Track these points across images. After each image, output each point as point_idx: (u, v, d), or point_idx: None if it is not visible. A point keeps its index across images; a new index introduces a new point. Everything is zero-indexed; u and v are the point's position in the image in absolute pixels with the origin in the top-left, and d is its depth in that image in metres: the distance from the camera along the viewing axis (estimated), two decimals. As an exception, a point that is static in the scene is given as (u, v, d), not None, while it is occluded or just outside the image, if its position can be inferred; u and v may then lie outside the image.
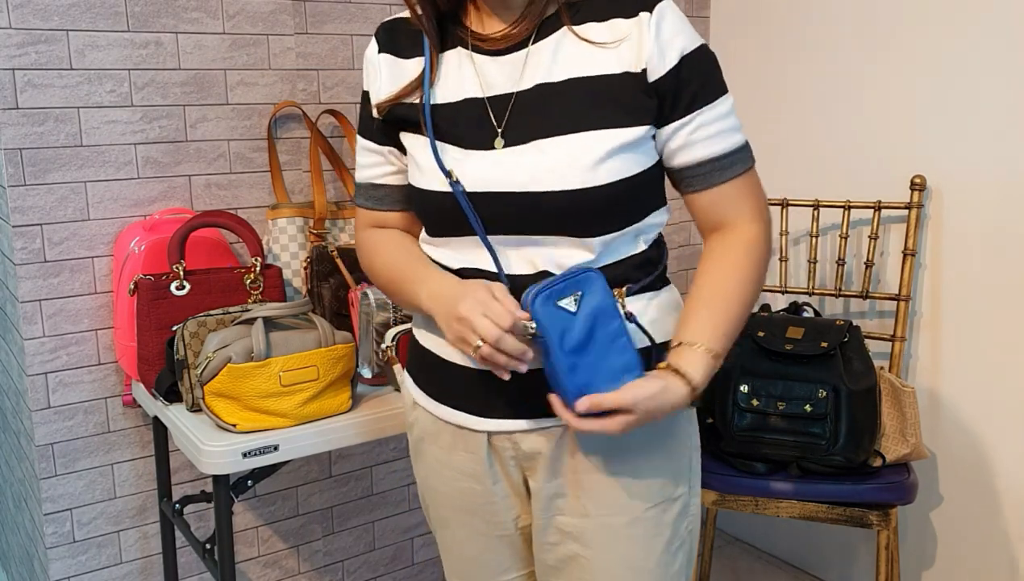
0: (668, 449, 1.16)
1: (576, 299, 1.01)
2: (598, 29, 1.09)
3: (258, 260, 1.72)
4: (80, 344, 1.81)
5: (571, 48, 1.09)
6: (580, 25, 1.09)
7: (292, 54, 1.98)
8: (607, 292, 1.03)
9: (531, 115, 1.08)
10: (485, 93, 1.11)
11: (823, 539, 2.43)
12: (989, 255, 2.00)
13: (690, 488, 1.19)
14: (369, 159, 1.23)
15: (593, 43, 1.08)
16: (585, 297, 1.02)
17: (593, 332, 1.01)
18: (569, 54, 1.09)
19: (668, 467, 1.16)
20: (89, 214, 1.80)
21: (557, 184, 1.05)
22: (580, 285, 1.02)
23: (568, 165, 1.05)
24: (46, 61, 1.72)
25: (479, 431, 1.17)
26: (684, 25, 1.09)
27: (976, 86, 1.97)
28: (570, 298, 1.01)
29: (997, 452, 2.03)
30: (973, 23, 1.96)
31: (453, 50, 1.15)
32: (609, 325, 1.02)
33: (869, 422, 1.85)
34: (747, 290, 1.11)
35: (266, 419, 1.52)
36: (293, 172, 2.01)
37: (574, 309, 1.01)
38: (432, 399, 1.21)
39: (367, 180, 1.25)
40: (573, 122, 1.06)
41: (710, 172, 1.11)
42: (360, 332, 1.70)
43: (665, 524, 1.15)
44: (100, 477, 1.88)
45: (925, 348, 2.14)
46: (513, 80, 1.10)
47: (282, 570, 2.13)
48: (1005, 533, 2.03)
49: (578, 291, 1.02)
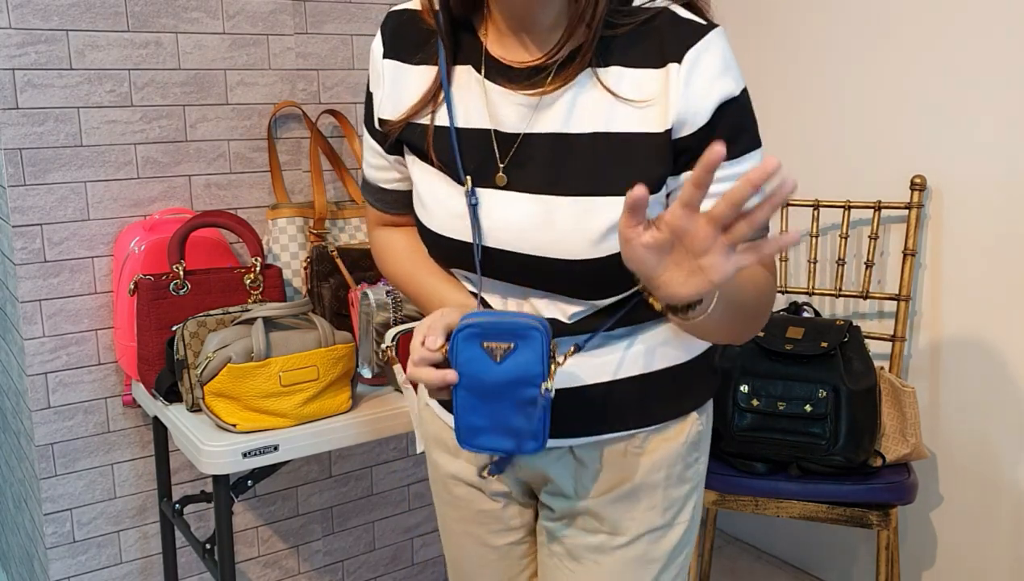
0: (673, 475, 1.11)
1: (505, 350, 0.93)
2: (625, 79, 0.96)
3: (258, 260, 1.72)
4: (80, 344, 1.81)
5: (593, 95, 0.97)
6: (606, 68, 0.96)
7: (292, 54, 1.98)
8: (540, 358, 0.93)
9: (542, 164, 0.98)
10: (492, 125, 1.00)
11: (823, 539, 2.43)
12: (989, 255, 1.99)
13: (692, 518, 1.14)
14: (376, 161, 1.15)
15: (616, 96, 0.96)
16: (516, 351, 0.93)
17: (506, 390, 0.94)
18: (589, 102, 0.97)
19: (673, 489, 1.11)
20: (89, 214, 1.80)
21: (569, 253, 0.96)
22: (517, 336, 0.93)
23: (579, 233, 0.96)
24: (46, 61, 1.72)
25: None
26: (722, 70, 0.94)
27: (977, 86, 1.97)
28: (500, 344, 0.93)
29: (997, 452, 2.03)
30: (973, 23, 1.96)
31: (463, 67, 1.03)
32: (524, 391, 0.94)
33: (869, 422, 1.85)
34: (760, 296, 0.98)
35: (266, 419, 1.52)
36: (293, 172, 2.01)
37: (498, 359, 0.93)
38: (440, 404, 1.18)
39: (374, 182, 1.17)
40: (587, 183, 0.96)
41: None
42: (360, 332, 1.70)
43: (661, 552, 1.11)
44: (100, 477, 1.88)
45: (925, 348, 2.14)
46: (524, 120, 0.99)
47: (282, 570, 2.13)
48: (1005, 533, 2.03)
49: (511, 343, 0.93)
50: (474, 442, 0.97)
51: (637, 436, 1.08)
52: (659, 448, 1.09)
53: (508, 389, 0.94)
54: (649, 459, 1.08)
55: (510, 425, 0.95)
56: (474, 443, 0.97)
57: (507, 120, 1.00)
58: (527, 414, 0.94)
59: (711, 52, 0.94)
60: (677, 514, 1.12)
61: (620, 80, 0.96)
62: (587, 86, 0.97)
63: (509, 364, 0.93)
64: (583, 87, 0.97)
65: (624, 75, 0.96)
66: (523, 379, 0.93)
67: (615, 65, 0.96)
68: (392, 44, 1.08)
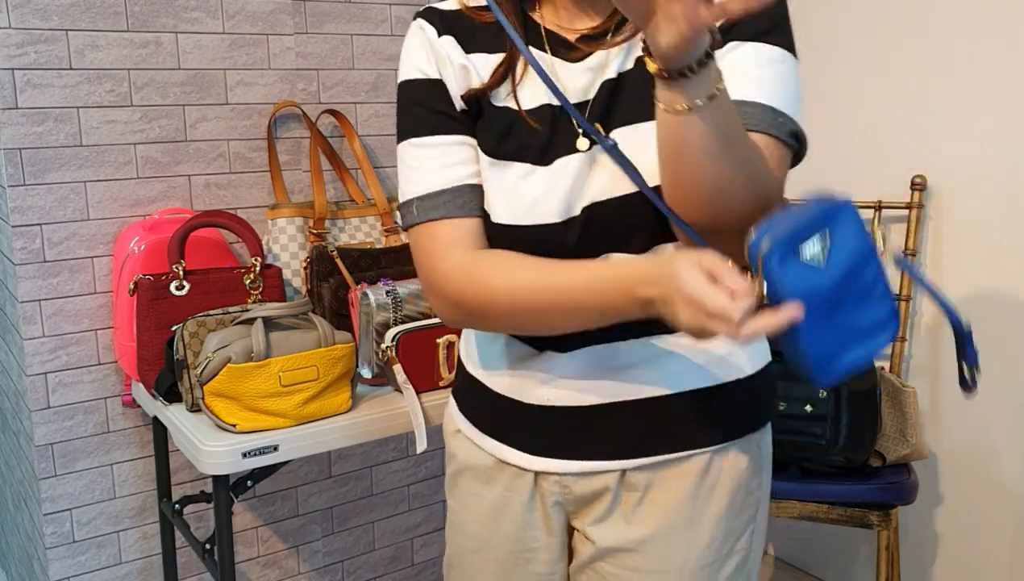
0: (735, 504, 1.01)
1: (823, 246, 0.76)
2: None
3: (258, 260, 1.72)
4: (80, 344, 1.81)
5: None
6: None
7: (292, 54, 1.98)
8: (861, 228, 0.77)
9: (612, 104, 0.94)
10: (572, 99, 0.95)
11: (823, 539, 2.43)
12: (990, 255, 1.99)
13: (752, 542, 1.05)
14: (451, 157, 0.99)
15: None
16: (835, 241, 0.76)
17: (846, 287, 0.77)
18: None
19: (733, 518, 1.02)
20: (89, 214, 1.79)
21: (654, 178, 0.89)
22: (826, 221, 0.76)
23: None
24: (46, 61, 1.71)
25: (526, 469, 1.05)
26: None
27: (977, 86, 1.97)
28: (815, 243, 0.76)
29: (997, 452, 2.02)
30: (974, 23, 1.96)
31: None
32: (865, 273, 0.77)
33: (869, 422, 1.85)
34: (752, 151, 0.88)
35: (266, 419, 1.52)
36: (293, 172, 2.01)
37: (821, 261, 0.76)
38: (477, 429, 1.10)
39: (454, 183, 0.99)
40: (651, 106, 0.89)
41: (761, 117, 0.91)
42: (360, 332, 1.70)
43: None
44: (100, 477, 1.88)
45: (925, 348, 2.14)
46: (593, 84, 0.96)
47: (282, 570, 2.13)
48: (1005, 533, 2.03)
49: (824, 230, 0.76)
50: (836, 369, 0.78)
51: (698, 458, 1.00)
52: (721, 472, 1.01)
53: (848, 285, 0.77)
54: (709, 485, 1.00)
55: (861, 324, 0.78)
56: (837, 370, 0.78)
57: (575, 91, 0.96)
58: (877, 297, 0.79)
59: None
60: (734, 543, 1.03)
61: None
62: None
63: (836, 258, 0.76)
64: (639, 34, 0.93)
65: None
66: (858, 263, 0.77)
67: None
68: (445, 28, 1.01)
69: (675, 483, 1.00)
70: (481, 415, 1.10)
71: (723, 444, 1.01)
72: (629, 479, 1.01)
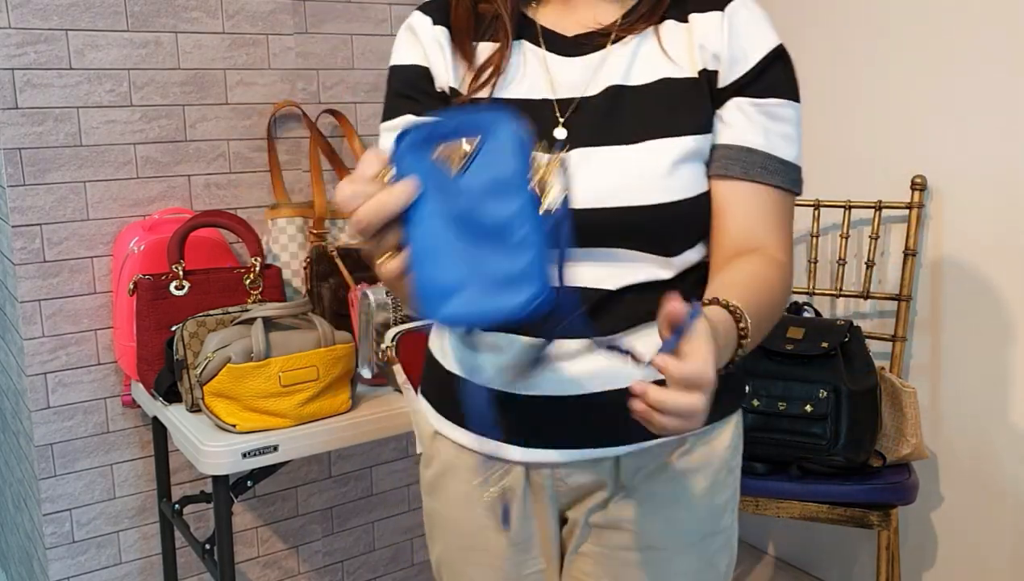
0: (718, 482, 1.04)
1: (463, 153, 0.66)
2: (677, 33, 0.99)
3: (258, 260, 1.72)
4: (79, 344, 1.81)
5: (653, 51, 0.99)
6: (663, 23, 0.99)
7: (292, 54, 1.98)
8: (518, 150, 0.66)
9: (600, 118, 0.97)
10: (555, 94, 0.99)
11: (823, 539, 2.43)
12: (990, 255, 1.99)
13: (733, 520, 1.09)
14: None
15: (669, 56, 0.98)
16: (482, 151, 0.66)
17: (476, 210, 0.65)
18: (649, 53, 0.99)
19: (717, 495, 1.05)
20: (88, 214, 1.79)
21: (638, 198, 0.93)
22: (480, 129, 0.66)
23: (645, 177, 0.94)
24: (45, 61, 1.71)
25: (516, 462, 1.03)
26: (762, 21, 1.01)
27: (977, 86, 1.97)
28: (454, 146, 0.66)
29: (998, 452, 2.02)
30: (974, 23, 1.96)
31: (515, 41, 1.02)
32: (503, 205, 0.65)
33: (870, 422, 1.85)
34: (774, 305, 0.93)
35: (266, 419, 1.52)
36: (293, 172, 2.01)
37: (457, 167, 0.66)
38: (458, 426, 1.07)
39: None
40: (646, 129, 0.95)
41: (756, 164, 0.97)
42: (360, 332, 1.70)
43: (706, 559, 1.05)
44: (99, 477, 1.88)
45: (925, 348, 2.14)
46: (584, 83, 0.99)
47: (282, 570, 2.13)
48: (1006, 533, 2.03)
49: (473, 138, 0.66)
50: (448, 310, 0.66)
51: (685, 441, 1.03)
52: (705, 454, 1.03)
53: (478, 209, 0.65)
54: (695, 466, 1.03)
55: (490, 270, 0.65)
56: (449, 311, 0.66)
57: (568, 83, 0.99)
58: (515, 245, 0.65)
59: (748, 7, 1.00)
60: (718, 521, 1.06)
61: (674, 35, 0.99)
62: (646, 42, 0.99)
63: (476, 172, 0.65)
64: (643, 43, 0.99)
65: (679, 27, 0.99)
66: (499, 192, 0.65)
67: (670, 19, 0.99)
68: (439, 19, 1.04)
69: (663, 466, 1.02)
70: (451, 405, 1.08)
71: (709, 426, 1.03)
72: (623, 464, 1.02)
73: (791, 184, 1.00)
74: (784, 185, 0.98)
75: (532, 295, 0.64)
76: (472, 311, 0.65)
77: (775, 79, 0.99)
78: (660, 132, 0.95)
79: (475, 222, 0.65)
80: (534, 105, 0.99)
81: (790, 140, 1.00)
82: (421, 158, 0.66)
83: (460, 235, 0.65)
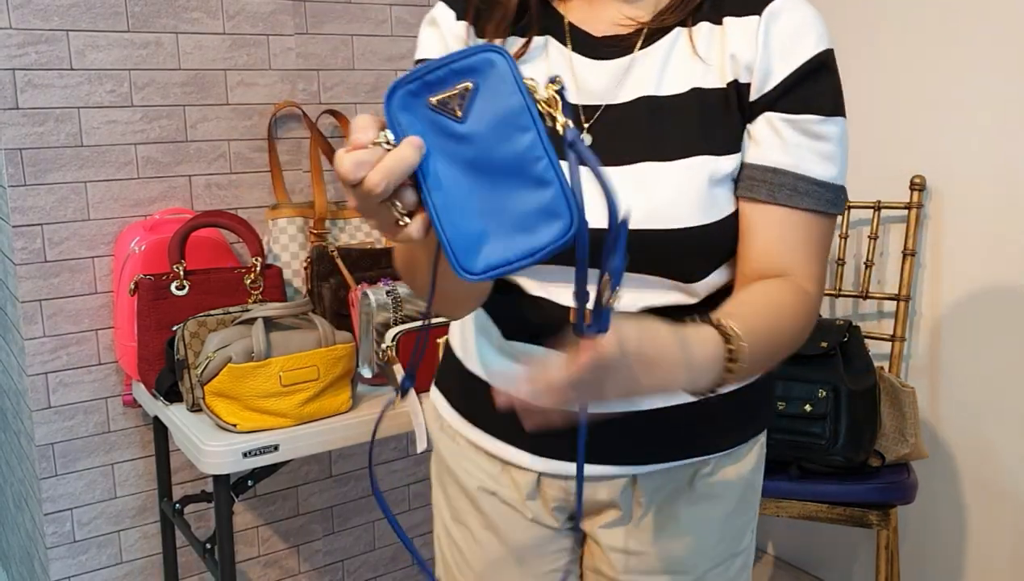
0: (742, 493, 1.00)
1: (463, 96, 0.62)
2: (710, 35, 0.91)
3: (258, 260, 1.72)
4: (80, 344, 1.81)
5: (684, 55, 0.91)
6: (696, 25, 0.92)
7: (292, 54, 1.98)
8: (515, 82, 0.62)
9: (631, 132, 0.90)
10: (577, 100, 0.92)
11: (823, 539, 2.43)
12: (989, 255, 1.99)
13: (750, 543, 1.05)
14: None
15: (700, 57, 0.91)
16: (479, 93, 0.62)
17: (489, 149, 0.62)
18: (680, 59, 0.91)
19: (739, 516, 1.01)
20: (89, 214, 1.80)
21: (668, 221, 0.87)
22: (471, 72, 0.62)
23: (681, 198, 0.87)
24: (46, 61, 1.72)
25: (529, 470, 1.00)
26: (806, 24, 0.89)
27: (976, 86, 1.97)
28: (452, 91, 0.62)
29: (997, 452, 2.03)
30: (973, 23, 1.96)
31: (540, 37, 0.95)
32: (516, 139, 0.62)
33: (869, 422, 1.85)
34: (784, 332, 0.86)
35: (266, 419, 1.52)
36: (293, 172, 2.01)
37: (459, 114, 0.62)
38: (475, 427, 1.04)
39: None
40: (684, 145, 0.88)
41: (784, 185, 0.88)
42: (360, 332, 1.70)
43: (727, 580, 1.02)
44: (100, 477, 1.88)
45: (925, 348, 2.14)
46: (611, 89, 0.92)
47: (282, 570, 2.13)
48: (1005, 532, 2.03)
49: (467, 82, 0.62)
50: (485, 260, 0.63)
51: (708, 462, 0.99)
52: (729, 474, 0.99)
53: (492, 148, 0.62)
54: (719, 488, 0.99)
55: (517, 209, 0.62)
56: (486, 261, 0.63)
57: (591, 92, 0.92)
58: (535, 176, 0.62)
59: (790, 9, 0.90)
60: (739, 542, 1.03)
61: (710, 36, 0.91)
62: (678, 47, 0.91)
63: (477, 113, 0.62)
64: (675, 48, 0.91)
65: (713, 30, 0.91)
66: (505, 123, 0.62)
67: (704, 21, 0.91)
68: (463, 12, 0.97)
69: (684, 487, 0.98)
70: (469, 405, 1.05)
71: (734, 447, 1.00)
72: (641, 483, 0.98)
73: (826, 206, 0.90)
74: (816, 208, 0.89)
75: (565, 225, 0.62)
76: (509, 255, 0.63)
77: (812, 92, 0.89)
78: (699, 149, 0.88)
79: (489, 164, 0.62)
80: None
81: (829, 158, 0.90)
82: (416, 113, 0.62)
83: (478, 181, 0.62)
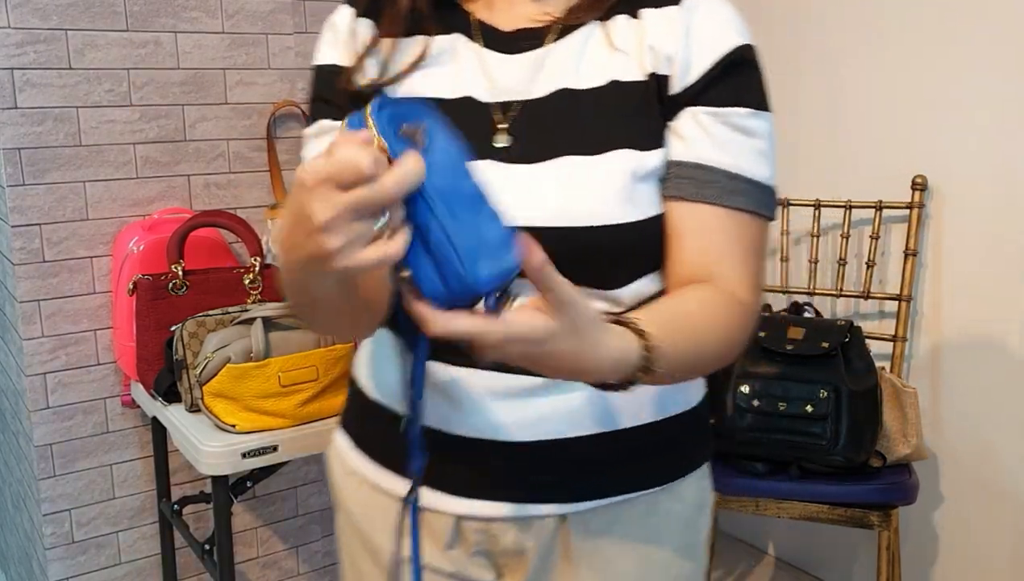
0: (683, 545, 0.91)
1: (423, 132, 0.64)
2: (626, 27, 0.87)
3: (257, 260, 1.71)
4: (79, 344, 1.81)
5: (600, 47, 0.86)
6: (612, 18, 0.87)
7: (291, 53, 1.98)
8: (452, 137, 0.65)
9: (551, 126, 0.84)
10: (492, 97, 0.86)
11: (824, 540, 2.43)
12: (990, 255, 1.99)
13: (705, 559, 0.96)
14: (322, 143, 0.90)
15: (618, 49, 0.86)
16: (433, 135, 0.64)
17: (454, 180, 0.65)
18: (595, 52, 0.86)
19: (684, 558, 0.92)
20: (88, 214, 1.79)
21: (588, 218, 0.80)
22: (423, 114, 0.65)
23: (602, 193, 0.81)
24: (45, 60, 1.71)
25: (444, 513, 0.87)
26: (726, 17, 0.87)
27: (978, 85, 1.97)
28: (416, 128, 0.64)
29: (998, 452, 2.02)
30: (974, 23, 1.96)
31: (447, 36, 0.90)
32: (462, 185, 0.65)
33: (870, 423, 1.85)
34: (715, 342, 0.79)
35: (265, 419, 1.52)
36: (292, 172, 2.01)
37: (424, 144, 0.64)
38: (380, 466, 0.91)
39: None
40: (607, 139, 0.83)
41: (713, 183, 0.82)
42: (360, 332, 1.70)
43: None
44: (99, 477, 1.87)
45: (926, 348, 2.14)
46: (525, 84, 0.86)
47: (281, 571, 2.13)
48: (1006, 533, 2.03)
49: (423, 122, 0.64)
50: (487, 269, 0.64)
51: (647, 497, 0.88)
52: (671, 511, 0.90)
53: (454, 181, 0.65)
54: (660, 526, 0.89)
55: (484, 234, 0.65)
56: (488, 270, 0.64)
57: (506, 88, 0.87)
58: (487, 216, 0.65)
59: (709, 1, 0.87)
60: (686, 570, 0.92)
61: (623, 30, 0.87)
62: (593, 40, 0.87)
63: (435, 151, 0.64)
64: (589, 40, 0.87)
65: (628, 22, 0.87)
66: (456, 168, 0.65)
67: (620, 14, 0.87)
68: (367, 9, 0.92)
69: (623, 526, 0.88)
70: (372, 442, 0.93)
71: (672, 482, 0.90)
72: (570, 525, 0.87)
73: (758, 206, 0.84)
74: (748, 207, 0.83)
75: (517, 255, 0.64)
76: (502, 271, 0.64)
77: (737, 85, 0.84)
78: (621, 142, 0.82)
79: (456, 189, 0.64)
80: (464, 106, 0.86)
81: (761, 156, 0.85)
82: (398, 137, 0.63)
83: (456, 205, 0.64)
